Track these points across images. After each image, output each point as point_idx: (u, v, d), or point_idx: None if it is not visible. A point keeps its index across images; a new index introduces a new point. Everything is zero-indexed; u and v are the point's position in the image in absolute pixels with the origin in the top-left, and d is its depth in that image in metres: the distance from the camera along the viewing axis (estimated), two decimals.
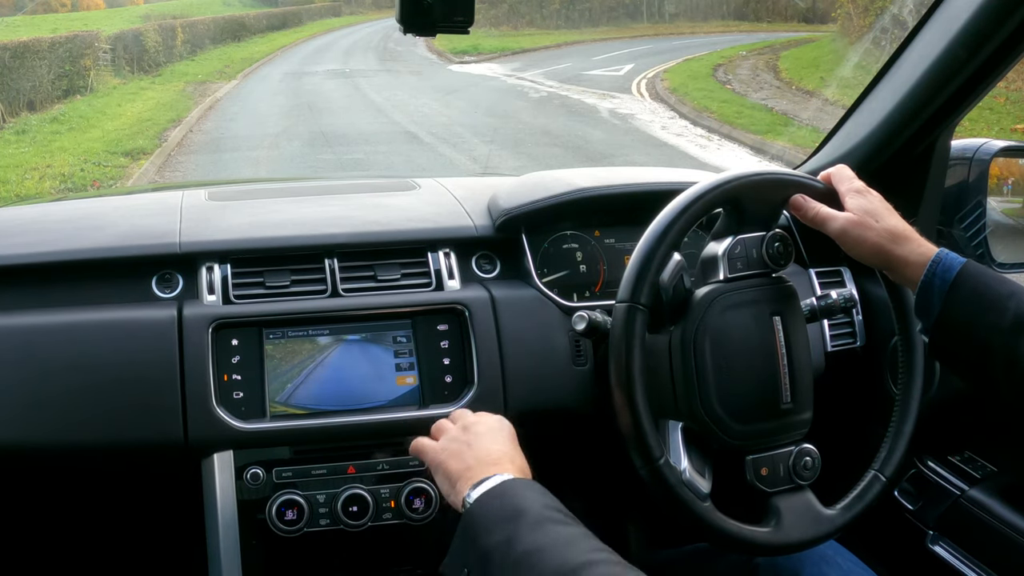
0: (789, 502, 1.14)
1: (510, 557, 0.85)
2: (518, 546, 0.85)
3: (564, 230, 1.46)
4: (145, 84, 14.91)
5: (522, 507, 0.90)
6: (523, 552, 0.85)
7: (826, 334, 1.47)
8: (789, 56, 15.57)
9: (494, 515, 0.91)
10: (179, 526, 1.37)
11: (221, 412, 1.21)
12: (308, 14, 30.90)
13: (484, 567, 0.87)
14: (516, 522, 0.88)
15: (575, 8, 27.47)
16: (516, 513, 0.89)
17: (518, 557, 0.85)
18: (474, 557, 0.89)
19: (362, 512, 1.23)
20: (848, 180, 1.14)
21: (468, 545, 0.91)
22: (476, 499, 0.94)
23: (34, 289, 1.30)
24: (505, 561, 0.86)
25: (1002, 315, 1.02)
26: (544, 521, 0.88)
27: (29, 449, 1.20)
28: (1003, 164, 1.55)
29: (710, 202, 1.11)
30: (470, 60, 18.82)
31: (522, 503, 0.91)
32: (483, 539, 0.89)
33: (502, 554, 0.86)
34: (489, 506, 0.93)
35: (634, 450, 1.07)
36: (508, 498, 0.93)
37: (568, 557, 0.83)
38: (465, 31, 1.07)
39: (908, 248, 1.07)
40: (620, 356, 1.08)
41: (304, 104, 12.79)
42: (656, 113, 11.52)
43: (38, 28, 17.26)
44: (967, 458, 1.47)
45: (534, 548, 0.85)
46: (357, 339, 1.29)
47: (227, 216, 1.43)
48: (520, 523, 0.88)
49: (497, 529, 0.88)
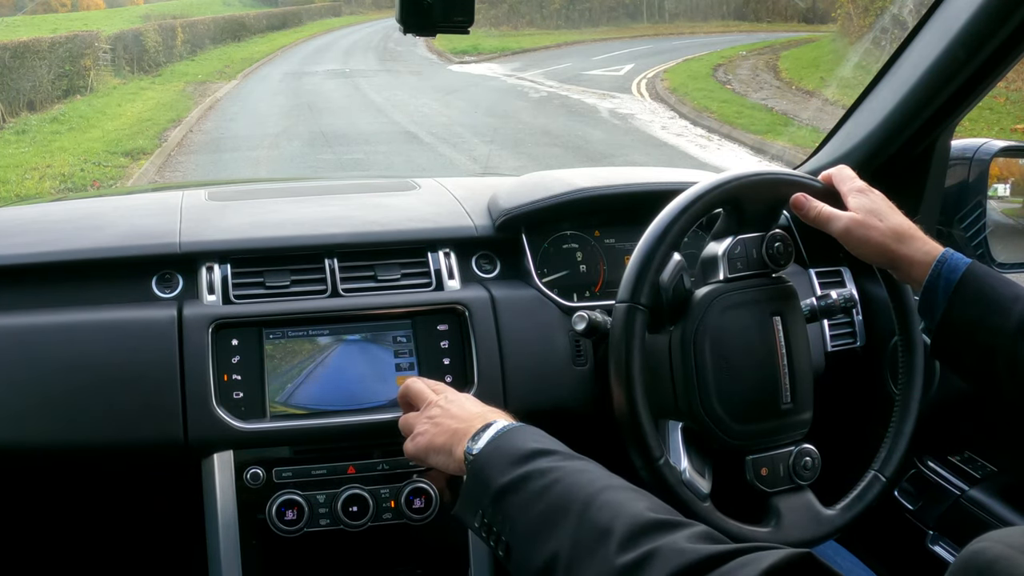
0: (789, 502, 1.14)
1: (526, 492, 0.86)
2: (532, 482, 0.87)
3: (564, 230, 1.46)
4: (145, 84, 14.91)
5: (528, 446, 0.91)
6: (538, 486, 0.86)
7: (826, 334, 1.47)
8: (789, 56, 15.57)
9: (502, 458, 0.91)
10: (179, 526, 1.37)
11: (221, 412, 1.21)
12: (308, 14, 30.90)
13: (499, 506, 0.88)
14: (525, 461, 0.89)
15: (575, 8, 27.48)
16: (523, 453, 0.90)
17: (534, 491, 0.86)
18: (487, 499, 0.89)
19: (362, 512, 1.23)
20: (850, 180, 1.14)
21: (480, 489, 0.91)
22: (480, 449, 0.94)
23: (34, 289, 1.30)
24: (521, 497, 0.87)
25: (1006, 317, 1.02)
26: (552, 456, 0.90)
27: (29, 449, 1.20)
28: (1003, 164, 1.55)
29: (710, 202, 1.11)
30: (470, 60, 18.82)
31: (525, 443, 0.92)
32: (495, 481, 0.89)
33: (517, 491, 0.87)
34: (495, 452, 0.93)
35: (634, 450, 1.07)
36: (512, 442, 0.93)
37: (583, 484, 0.84)
38: (465, 31, 1.07)
39: (913, 247, 1.07)
40: (620, 356, 1.08)
41: (304, 104, 12.79)
42: (656, 113, 11.52)
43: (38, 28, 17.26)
44: (967, 458, 1.47)
45: (548, 481, 0.86)
46: (357, 339, 1.29)
47: (227, 216, 1.43)
48: (529, 461, 0.89)
49: (508, 469, 0.89)
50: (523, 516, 0.85)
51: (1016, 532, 0.52)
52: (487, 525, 0.89)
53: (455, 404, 1.06)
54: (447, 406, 1.06)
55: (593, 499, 0.82)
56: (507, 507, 0.87)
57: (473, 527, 0.91)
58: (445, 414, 1.05)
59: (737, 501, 1.14)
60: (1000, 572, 0.50)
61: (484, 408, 1.05)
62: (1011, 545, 0.50)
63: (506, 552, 0.87)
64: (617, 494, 0.83)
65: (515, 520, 0.86)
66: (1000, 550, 0.50)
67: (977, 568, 0.51)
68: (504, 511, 0.87)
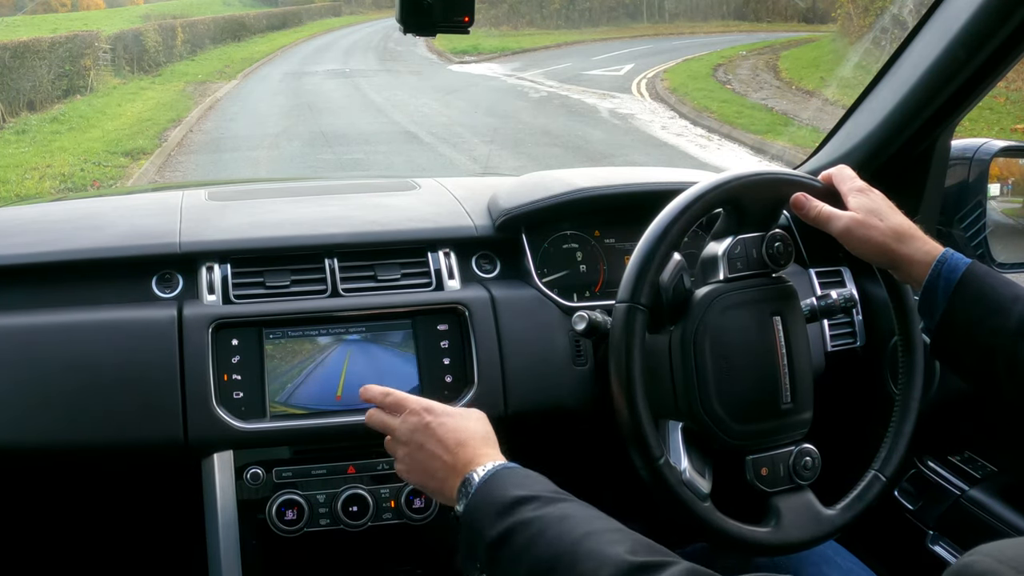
0: (789, 502, 1.14)
1: (513, 548, 0.88)
2: (517, 536, 0.88)
3: (564, 230, 1.46)
4: (145, 84, 14.91)
5: (509, 495, 0.92)
6: (523, 540, 0.87)
7: (826, 334, 1.47)
8: (789, 56, 15.57)
9: (488, 510, 0.92)
10: (179, 526, 1.37)
11: (221, 412, 1.21)
12: (308, 14, 30.91)
13: (493, 561, 0.90)
14: (509, 513, 0.90)
15: (575, 8, 27.48)
16: (506, 503, 0.91)
17: (520, 546, 0.87)
18: (482, 552, 0.91)
19: (362, 512, 1.23)
20: (850, 179, 1.14)
21: (474, 542, 0.93)
22: (465, 508, 0.96)
23: (34, 289, 1.30)
24: (509, 553, 0.88)
25: (1006, 318, 1.02)
26: (533, 503, 0.90)
27: (29, 449, 1.20)
28: (1003, 164, 1.55)
29: (710, 202, 1.11)
30: (470, 60, 18.82)
31: (507, 492, 0.93)
32: (485, 534, 0.91)
33: (504, 546, 0.88)
34: (481, 503, 0.94)
35: (634, 450, 1.07)
36: (492, 492, 0.94)
37: (565, 532, 0.85)
38: (465, 31, 1.07)
39: (913, 247, 1.07)
40: (620, 356, 1.08)
41: (304, 104, 12.79)
42: (656, 113, 11.51)
43: (38, 28, 17.26)
44: (967, 458, 1.47)
45: (532, 533, 0.87)
46: (357, 339, 1.29)
47: (227, 216, 1.43)
48: (512, 513, 0.90)
49: (495, 522, 0.90)
50: (515, 573, 0.87)
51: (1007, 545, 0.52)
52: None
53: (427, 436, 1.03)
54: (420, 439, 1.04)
55: (576, 549, 0.83)
56: (499, 562, 0.89)
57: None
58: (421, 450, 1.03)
59: (737, 501, 1.13)
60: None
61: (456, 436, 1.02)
62: (1000, 560, 0.50)
63: None
64: (599, 540, 0.84)
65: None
66: (989, 564, 0.51)
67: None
68: (497, 566, 0.89)
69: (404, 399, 1.09)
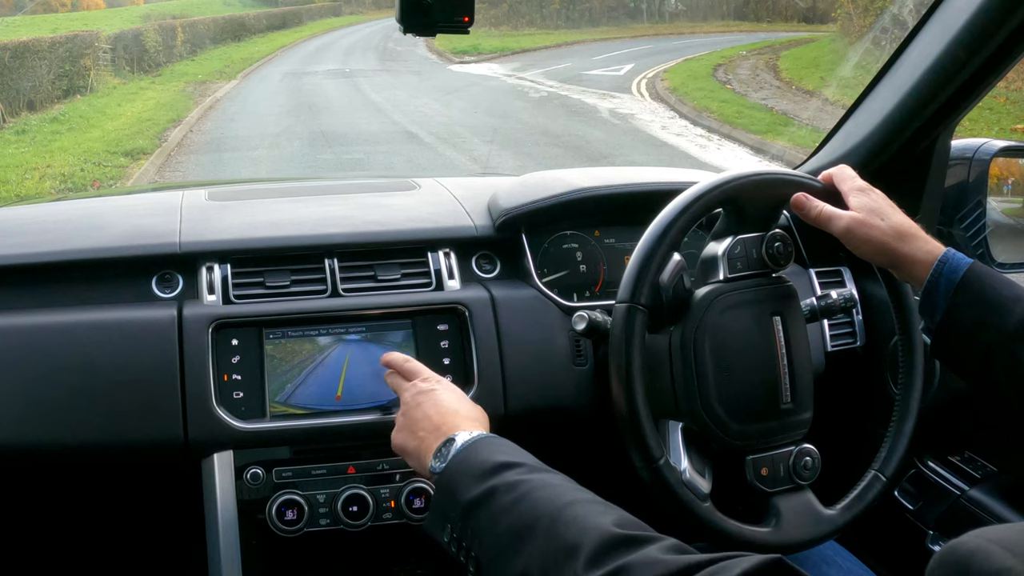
0: (789, 502, 1.14)
1: (493, 508, 0.87)
2: (498, 496, 0.87)
3: (564, 230, 1.46)
4: (145, 84, 14.91)
5: (494, 459, 0.92)
6: (505, 502, 0.86)
7: (826, 334, 1.47)
8: (789, 56, 15.57)
9: (468, 472, 0.92)
10: (179, 526, 1.37)
11: (221, 412, 1.21)
12: (308, 14, 30.89)
13: (467, 521, 0.88)
14: (491, 475, 0.89)
15: (575, 8, 27.48)
16: (489, 466, 0.91)
17: (501, 506, 0.86)
18: (456, 514, 0.90)
19: (362, 512, 1.23)
20: (850, 179, 1.14)
21: (447, 504, 0.92)
22: (445, 466, 0.95)
23: (34, 289, 1.30)
24: (488, 513, 0.87)
25: (1007, 318, 1.02)
26: (518, 468, 0.90)
27: (29, 449, 1.20)
28: (1003, 164, 1.55)
29: (710, 202, 1.11)
30: (470, 60, 18.82)
31: (491, 456, 0.92)
32: (462, 496, 0.90)
33: (484, 506, 0.87)
34: (460, 465, 0.94)
35: (634, 450, 1.07)
36: (477, 455, 0.94)
37: (549, 498, 0.85)
38: (465, 31, 1.07)
39: (914, 246, 1.07)
40: (620, 356, 1.08)
41: (304, 104, 12.79)
42: (656, 113, 11.51)
43: (38, 28, 17.25)
44: (967, 458, 1.47)
45: (515, 496, 0.86)
46: (357, 339, 1.29)
47: (227, 216, 1.43)
48: (496, 475, 0.89)
49: (474, 484, 0.90)
50: (491, 532, 0.85)
51: (996, 528, 0.53)
52: (456, 540, 0.89)
53: (428, 398, 1.06)
54: (420, 399, 1.06)
55: (560, 514, 0.82)
56: (475, 522, 0.87)
57: (443, 542, 0.91)
58: (417, 408, 1.05)
59: (737, 501, 1.14)
60: (977, 563, 0.50)
61: (455, 404, 1.05)
62: (989, 539, 0.51)
63: (476, 568, 0.87)
64: (584, 508, 0.83)
65: (483, 536, 0.86)
66: (977, 543, 0.51)
67: (955, 561, 0.52)
68: (472, 527, 0.87)
69: (422, 368, 1.13)
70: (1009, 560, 0.49)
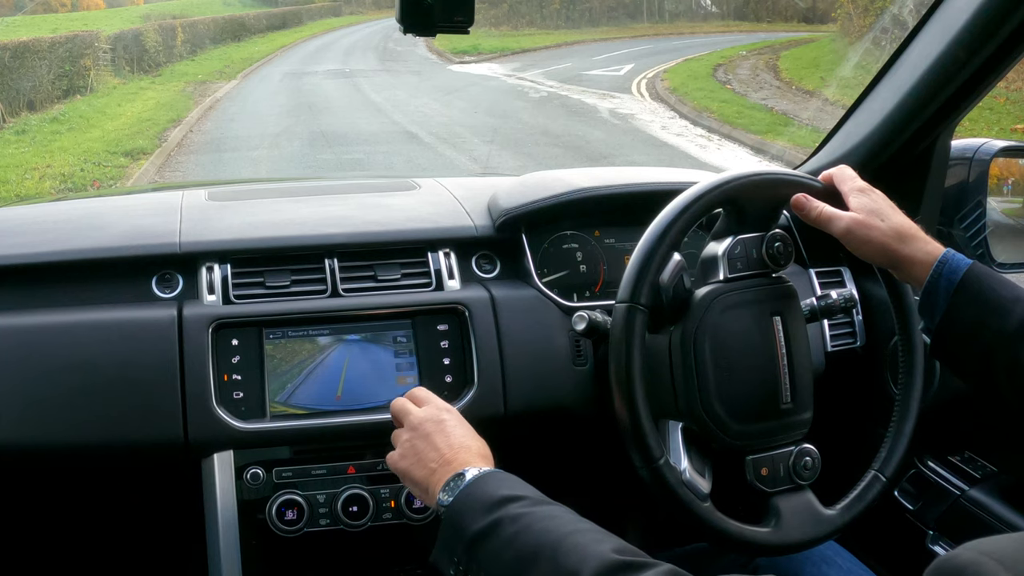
0: (789, 502, 1.14)
1: (498, 539, 0.88)
2: (503, 528, 0.88)
3: (564, 230, 1.46)
4: (145, 84, 14.90)
5: (499, 493, 0.93)
6: (509, 533, 0.88)
7: (826, 334, 1.47)
8: (789, 56, 15.57)
9: (474, 506, 0.93)
10: (179, 526, 1.38)
11: (221, 412, 1.21)
12: (308, 14, 30.88)
13: (473, 553, 0.89)
14: (497, 508, 0.90)
15: (575, 8, 27.48)
16: (495, 501, 0.92)
17: (505, 538, 0.87)
18: (461, 547, 0.91)
19: (362, 512, 1.23)
20: (851, 179, 1.14)
21: (454, 537, 0.92)
22: (453, 500, 0.95)
23: (34, 289, 1.30)
24: (493, 544, 0.88)
25: (1007, 319, 1.02)
26: (522, 501, 0.91)
27: (29, 449, 1.20)
28: (1003, 164, 1.55)
29: (710, 202, 1.11)
30: (470, 60, 18.81)
31: (497, 490, 0.93)
32: (468, 528, 0.91)
33: (489, 538, 0.89)
34: (467, 499, 0.94)
35: (634, 450, 1.07)
36: (484, 489, 0.94)
37: (551, 529, 0.86)
38: (465, 31, 1.07)
39: (914, 247, 1.07)
40: (620, 356, 1.08)
41: (304, 104, 12.78)
42: (656, 113, 11.51)
43: (38, 28, 17.24)
44: (967, 458, 1.47)
45: (519, 527, 0.87)
46: (357, 339, 1.29)
47: (227, 216, 1.43)
48: (500, 508, 0.90)
49: (480, 517, 0.91)
50: (496, 562, 0.87)
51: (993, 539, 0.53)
52: (462, 572, 0.90)
53: (437, 428, 1.05)
54: (428, 429, 1.05)
55: (561, 542, 0.84)
56: (480, 554, 0.89)
57: (448, 573, 0.92)
58: (425, 439, 1.05)
59: (737, 501, 1.14)
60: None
61: (464, 440, 1.04)
62: (982, 552, 0.52)
63: None
64: (584, 536, 0.85)
65: (488, 566, 0.88)
66: (971, 556, 0.52)
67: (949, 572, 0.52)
68: (477, 558, 0.89)
69: (432, 396, 1.12)
70: (1001, 574, 0.50)
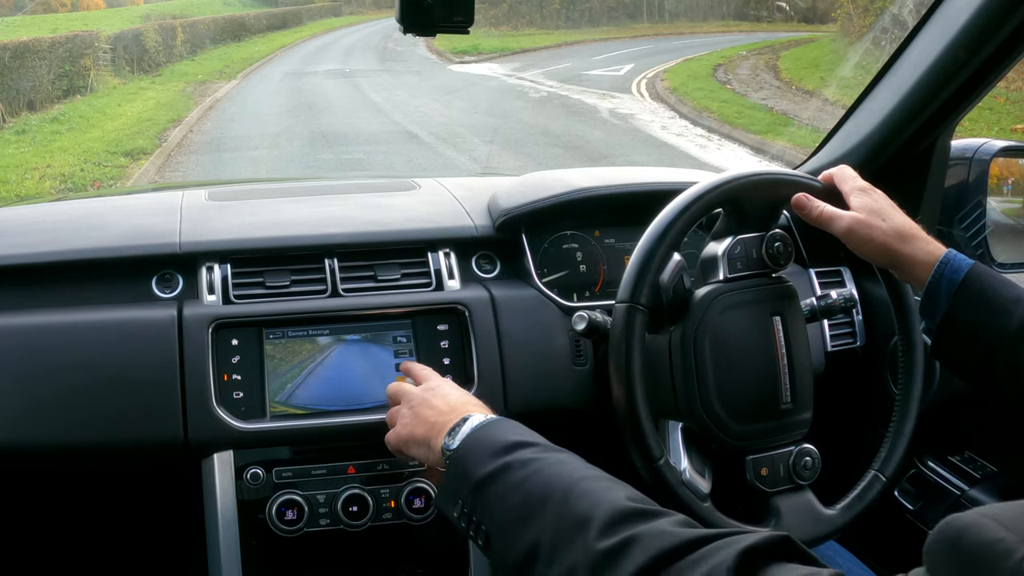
0: (789, 502, 1.14)
1: (505, 483, 0.87)
2: (511, 472, 0.87)
3: (564, 230, 1.46)
4: (145, 84, 14.91)
5: (507, 438, 0.92)
6: (518, 477, 0.87)
7: (826, 334, 1.47)
8: (789, 56, 15.56)
9: (481, 450, 0.92)
10: (179, 526, 1.37)
11: (221, 412, 1.21)
12: (308, 14, 30.89)
13: (479, 496, 0.89)
14: (505, 453, 0.90)
15: (575, 8, 27.48)
16: (504, 445, 0.91)
17: (513, 481, 0.87)
18: (467, 489, 0.90)
19: (362, 512, 1.23)
20: (851, 179, 1.14)
21: (460, 480, 0.92)
22: (458, 443, 0.95)
23: (34, 289, 1.30)
24: (500, 488, 0.87)
25: (1008, 320, 1.01)
26: (531, 447, 0.90)
27: (29, 449, 1.20)
28: (1003, 164, 1.55)
29: (710, 202, 1.11)
30: (470, 60, 18.81)
31: (505, 435, 0.93)
32: (475, 472, 0.90)
33: (496, 481, 0.88)
34: (474, 444, 0.94)
35: (634, 450, 1.08)
36: (492, 434, 0.94)
37: (562, 474, 0.85)
38: (465, 31, 1.07)
39: (915, 246, 1.07)
40: (620, 356, 1.08)
41: (304, 104, 12.79)
42: (656, 113, 11.51)
43: (38, 28, 17.24)
44: (967, 458, 1.47)
45: (528, 472, 0.87)
46: (357, 339, 1.29)
47: (227, 216, 1.43)
48: (509, 452, 0.90)
49: (488, 461, 0.90)
50: (502, 506, 0.86)
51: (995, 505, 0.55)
52: (467, 515, 0.90)
53: (435, 394, 1.07)
54: (427, 395, 1.07)
55: (572, 488, 0.83)
56: (486, 497, 0.88)
57: (452, 517, 0.92)
58: (424, 404, 1.05)
59: (737, 501, 1.14)
60: (971, 536, 0.51)
61: (465, 398, 1.06)
62: (984, 514, 0.53)
63: (486, 542, 0.87)
64: (596, 483, 0.84)
65: (495, 510, 0.87)
66: (972, 517, 0.53)
67: (950, 534, 0.53)
68: (484, 501, 0.88)
69: (433, 373, 1.14)
70: (1002, 532, 0.51)
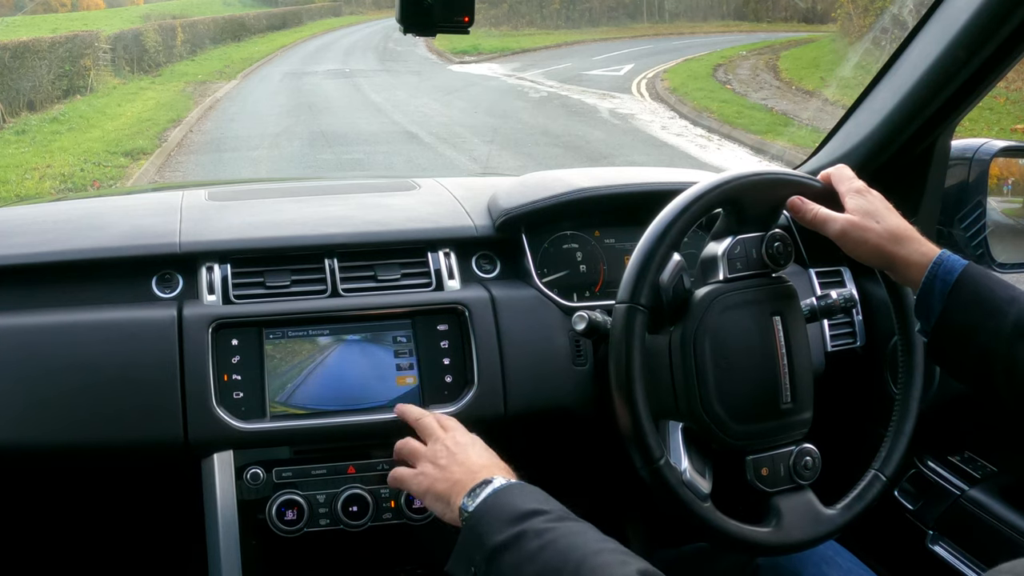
0: (789, 502, 1.14)
1: (520, 553, 0.87)
2: (526, 542, 0.87)
3: (564, 230, 1.46)
4: (145, 84, 14.90)
5: (525, 506, 0.91)
6: (533, 547, 0.86)
7: (826, 334, 1.47)
8: (789, 56, 15.57)
9: (498, 516, 0.92)
10: (179, 526, 1.38)
11: (221, 412, 1.21)
12: (308, 14, 30.88)
13: (493, 564, 0.88)
14: (521, 520, 0.89)
15: (575, 8, 27.47)
16: (520, 513, 0.90)
17: (528, 552, 0.86)
18: (481, 556, 0.90)
19: (362, 512, 1.23)
20: (848, 180, 1.14)
21: (474, 546, 0.91)
22: (476, 505, 0.95)
23: (34, 289, 1.30)
24: (515, 557, 0.87)
25: (1002, 320, 1.01)
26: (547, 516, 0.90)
27: (29, 449, 1.20)
28: (1003, 164, 1.55)
29: (710, 202, 1.11)
30: (470, 60, 18.81)
31: (523, 502, 0.92)
32: (490, 538, 0.89)
33: (511, 550, 0.87)
34: (491, 509, 0.93)
35: (634, 450, 1.07)
36: (509, 500, 0.93)
37: (576, 547, 0.85)
38: (465, 31, 1.07)
39: (909, 248, 1.07)
40: (620, 357, 1.08)
41: (304, 104, 12.78)
42: (656, 113, 11.51)
43: (38, 28, 17.24)
44: (967, 458, 1.47)
45: (543, 542, 0.86)
46: (357, 339, 1.29)
47: (227, 216, 1.43)
48: (525, 520, 0.89)
49: (503, 528, 0.89)
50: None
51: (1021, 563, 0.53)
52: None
53: (461, 450, 1.06)
54: (454, 450, 1.06)
55: (584, 562, 0.82)
56: (501, 566, 0.87)
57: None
58: (451, 460, 1.05)
59: (737, 501, 1.14)
60: None
61: (488, 459, 1.05)
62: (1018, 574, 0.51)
63: None
64: (609, 557, 0.83)
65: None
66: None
67: None
68: (498, 570, 0.88)
69: (435, 430, 1.12)
70: None
